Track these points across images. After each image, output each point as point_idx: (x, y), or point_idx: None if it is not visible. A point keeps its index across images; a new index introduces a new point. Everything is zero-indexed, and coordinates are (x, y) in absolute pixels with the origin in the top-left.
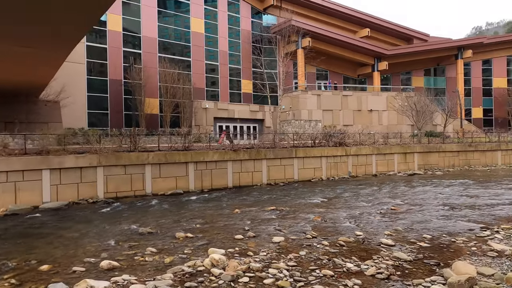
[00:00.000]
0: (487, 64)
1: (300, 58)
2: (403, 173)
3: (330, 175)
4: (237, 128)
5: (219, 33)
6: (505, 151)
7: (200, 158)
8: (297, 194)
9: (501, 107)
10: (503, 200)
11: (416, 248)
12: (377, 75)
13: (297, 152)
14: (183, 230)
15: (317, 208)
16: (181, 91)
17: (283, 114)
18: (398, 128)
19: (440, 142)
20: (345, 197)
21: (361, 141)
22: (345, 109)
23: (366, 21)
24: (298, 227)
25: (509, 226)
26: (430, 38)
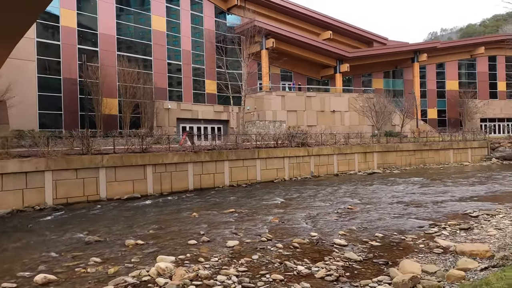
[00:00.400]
0: (440, 68)
1: (264, 59)
2: (363, 172)
3: (292, 175)
4: (201, 129)
5: (182, 32)
6: (457, 149)
7: (159, 160)
8: (259, 195)
9: (453, 108)
10: (451, 197)
11: (367, 248)
12: (339, 77)
13: (259, 153)
14: (135, 237)
15: (276, 209)
16: (142, 91)
17: (247, 114)
18: (360, 128)
19: (398, 141)
20: (305, 197)
21: (323, 141)
22: (309, 109)
23: (328, 23)
24: (255, 229)
25: (455, 222)
26: (389, 42)
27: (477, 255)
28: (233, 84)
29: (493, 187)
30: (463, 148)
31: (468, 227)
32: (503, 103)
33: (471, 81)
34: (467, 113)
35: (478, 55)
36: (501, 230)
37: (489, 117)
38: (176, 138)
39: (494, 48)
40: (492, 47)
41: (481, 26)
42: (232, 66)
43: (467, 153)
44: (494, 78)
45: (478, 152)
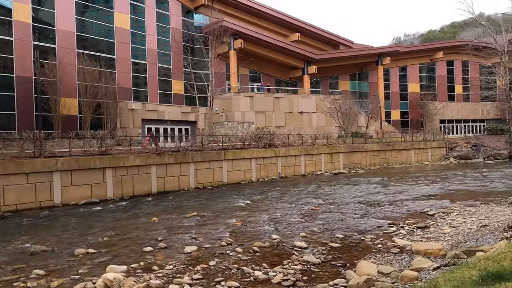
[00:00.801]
0: (403, 71)
1: (232, 60)
2: (329, 172)
3: (260, 176)
4: (167, 130)
5: (147, 31)
6: (418, 149)
7: (120, 163)
8: (224, 198)
9: (415, 110)
10: (410, 196)
11: (327, 249)
12: (307, 79)
13: (226, 155)
14: (86, 245)
15: (240, 212)
16: (104, 91)
17: (216, 115)
18: (327, 129)
19: (363, 142)
20: (271, 199)
21: (290, 142)
22: (277, 111)
23: (297, 26)
24: (216, 234)
25: (412, 221)
26: (354, 45)
27: (432, 254)
28: (201, 85)
29: (449, 186)
30: (423, 148)
31: (424, 225)
32: (460, 105)
33: (431, 84)
34: (428, 115)
35: (437, 59)
36: (455, 228)
37: (448, 119)
38: (142, 140)
39: (452, 53)
40: (450, 52)
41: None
42: (199, 66)
43: (427, 153)
44: (452, 81)
45: (438, 152)
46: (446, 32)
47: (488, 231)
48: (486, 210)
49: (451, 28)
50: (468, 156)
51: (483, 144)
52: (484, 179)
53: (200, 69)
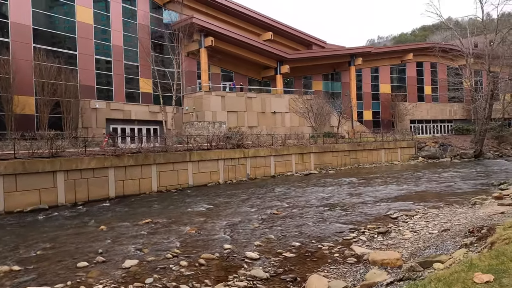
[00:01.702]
0: (375, 72)
1: (203, 58)
2: (300, 173)
3: (228, 178)
4: (134, 130)
5: (112, 26)
6: (388, 149)
7: (73, 165)
8: (186, 202)
9: (386, 110)
10: (377, 197)
11: (279, 261)
12: (279, 78)
13: (191, 156)
14: (15, 260)
15: (199, 218)
16: (63, 88)
17: (186, 115)
18: (300, 129)
19: (334, 142)
20: (234, 203)
21: (260, 142)
22: (249, 110)
23: (269, 24)
24: (165, 244)
25: (374, 226)
26: (327, 45)
27: (388, 264)
28: (170, 83)
29: (416, 187)
30: (393, 148)
31: (386, 230)
32: (429, 106)
33: (401, 85)
34: (398, 115)
35: (407, 60)
36: (416, 232)
37: (418, 119)
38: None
39: (421, 55)
40: (419, 53)
41: (411, 35)
42: (169, 64)
43: (397, 153)
44: (422, 82)
45: (407, 152)
46: (417, 35)
47: (449, 236)
48: (449, 212)
49: (422, 31)
50: (436, 155)
51: (450, 144)
52: (450, 179)
53: (170, 67)
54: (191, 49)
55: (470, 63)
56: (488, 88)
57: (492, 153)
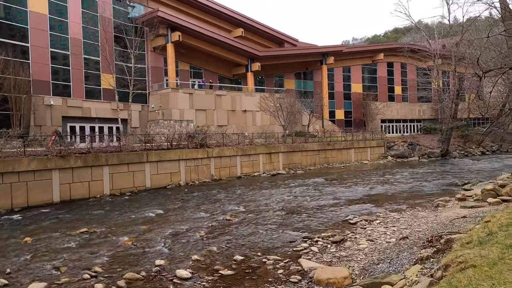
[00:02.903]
0: (347, 71)
1: (170, 54)
2: (267, 173)
3: (190, 179)
4: (95, 129)
5: (70, 17)
6: (357, 149)
7: (9, 167)
8: (137, 206)
9: (358, 109)
10: (340, 199)
11: (213, 280)
12: (250, 76)
13: (149, 156)
14: None
15: (142, 226)
16: (12, 83)
17: (152, 113)
18: (271, 128)
19: (303, 141)
20: (189, 207)
21: (225, 142)
22: (219, 109)
23: (240, 21)
24: (90, 259)
25: (329, 234)
26: (299, 44)
27: (334, 284)
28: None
29: (382, 187)
30: (363, 147)
31: (341, 239)
32: (399, 105)
33: (372, 85)
34: (370, 114)
35: (378, 60)
36: (373, 241)
37: (388, 118)
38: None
39: (392, 55)
40: (390, 54)
41: (384, 37)
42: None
43: (366, 152)
44: (392, 82)
45: (377, 151)
46: (389, 37)
47: (407, 245)
48: (411, 216)
49: (394, 34)
50: (405, 154)
51: (418, 143)
52: (416, 179)
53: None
54: (158, 44)
55: (437, 64)
56: (454, 88)
57: (458, 152)
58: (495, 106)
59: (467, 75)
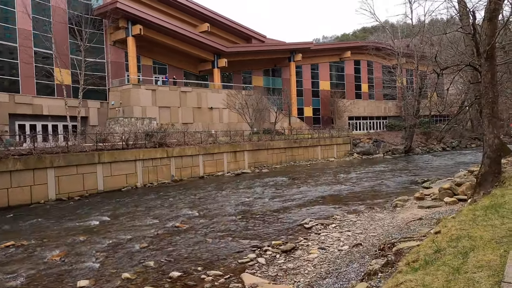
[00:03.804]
0: (315, 68)
1: (131, 48)
2: (232, 172)
3: (148, 181)
4: (48, 128)
5: (18, 7)
6: (324, 146)
7: None
8: (81, 213)
9: (326, 106)
10: (300, 200)
11: None
12: (217, 72)
13: (101, 157)
14: None
15: (80, 236)
16: None
17: (112, 110)
18: (239, 126)
19: (269, 139)
20: (139, 212)
21: (187, 140)
22: (184, 106)
23: (206, 15)
24: (4, 282)
25: (280, 242)
26: (267, 40)
27: None
28: (94, 75)
29: (344, 186)
30: (329, 145)
31: (292, 247)
32: (366, 103)
33: (340, 82)
34: (337, 112)
35: (345, 58)
36: (325, 249)
37: (355, 116)
38: (9, 140)
39: (358, 53)
40: (356, 52)
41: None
42: (94, 53)
43: (333, 149)
44: (359, 80)
45: (343, 148)
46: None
47: (359, 254)
48: (368, 218)
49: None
50: (370, 151)
51: (383, 140)
52: (379, 176)
53: (94, 57)
54: (118, 37)
55: (401, 62)
56: (416, 86)
57: (421, 149)
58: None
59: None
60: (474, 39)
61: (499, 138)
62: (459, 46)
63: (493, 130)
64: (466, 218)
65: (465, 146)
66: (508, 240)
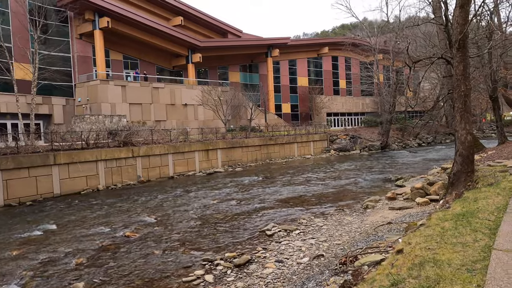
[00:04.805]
0: (293, 64)
1: (98, 41)
2: (204, 172)
3: (111, 182)
4: (7, 126)
5: None
6: (300, 143)
7: None
8: (25, 221)
9: (304, 103)
10: (268, 202)
11: None
12: (191, 68)
13: (57, 158)
14: None
15: (13, 251)
16: None
17: (79, 107)
18: (215, 123)
19: (244, 137)
20: (91, 219)
21: (156, 139)
22: (156, 103)
23: (179, 9)
24: None
25: (234, 254)
26: (244, 35)
27: None
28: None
29: (316, 185)
30: (306, 142)
31: (246, 260)
32: (344, 99)
33: (318, 78)
34: (315, 108)
35: (323, 54)
36: (282, 262)
37: (334, 112)
38: None
39: (336, 49)
40: (334, 48)
41: (332, 33)
42: (56, 47)
43: (309, 146)
44: (337, 76)
45: (320, 145)
46: (337, 33)
47: (319, 269)
48: (335, 222)
49: (341, 29)
50: (347, 148)
51: (359, 136)
52: (354, 173)
53: (58, 50)
54: (84, 30)
55: (377, 58)
56: (392, 82)
57: (397, 145)
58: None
59: (401, 67)
60: (446, 30)
61: (472, 134)
62: (434, 40)
63: (465, 126)
64: (433, 232)
65: (440, 142)
66: (482, 266)
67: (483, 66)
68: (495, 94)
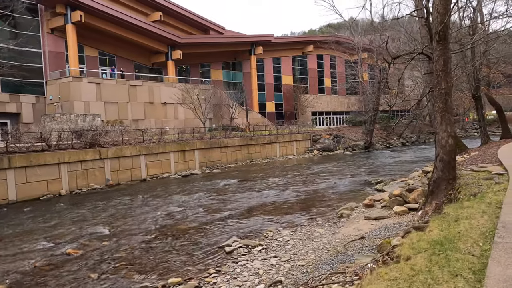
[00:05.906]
0: (277, 62)
1: (71, 36)
2: (180, 174)
3: (76, 186)
4: None
5: None
6: (282, 143)
7: None
8: None
9: (289, 101)
10: (237, 209)
11: None
12: (171, 65)
13: (12, 161)
14: None
15: None
16: None
17: (50, 106)
18: (196, 122)
19: (223, 137)
20: (36, 230)
21: (127, 139)
22: (134, 101)
23: (158, 3)
24: None
25: (178, 280)
26: (226, 32)
27: None
28: (28, 67)
29: (293, 190)
30: (288, 141)
31: (195, 286)
32: (329, 98)
33: (303, 77)
34: (300, 107)
35: (308, 52)
36: None
37: (319, 111)
38: None
39: (321, 48)
40: (319, 46)
41: (319, 32)
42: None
43: (292, 146)
44: (322, 75)
45: (303, 145)
46: (323, 32)
47: None
48: (304, 235)
49: (328, 29)
50: (330, 147)
51: (343, 136)
52: (334, 175)
53: (28, 46)
54: (56, 24)
55: (361, 57)
56: (376, 81)
57: (381, 144)
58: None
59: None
60: (427, 23)
61: (454, 137)
62: (415, 36)
63: (446, 127)
64: (400, 275)
65: (424, 141)
66: None
67: (466, 64)
68: (478, 93)
